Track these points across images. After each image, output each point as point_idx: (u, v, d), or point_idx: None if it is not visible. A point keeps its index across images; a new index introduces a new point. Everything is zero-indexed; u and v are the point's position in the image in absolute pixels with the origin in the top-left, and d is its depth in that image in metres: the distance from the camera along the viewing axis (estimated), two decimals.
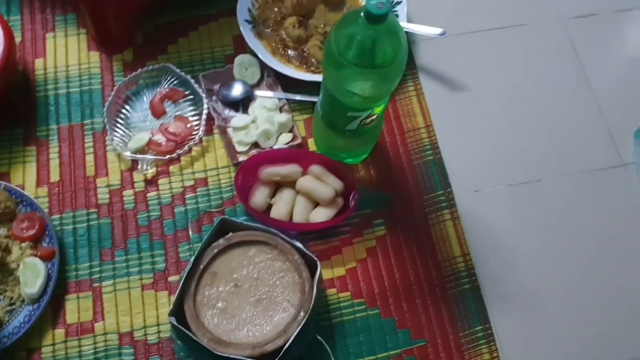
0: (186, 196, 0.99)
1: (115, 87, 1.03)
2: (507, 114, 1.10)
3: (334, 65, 0.80)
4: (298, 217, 0.95)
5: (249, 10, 1.11)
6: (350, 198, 0.95)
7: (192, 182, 1.00)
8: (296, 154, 1.00)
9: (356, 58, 0.77)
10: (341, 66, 0.78)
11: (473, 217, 1.01)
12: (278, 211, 0.95)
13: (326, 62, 0.82)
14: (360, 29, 0.75)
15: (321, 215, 0.95)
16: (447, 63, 1.13)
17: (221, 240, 0.88)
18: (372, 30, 0.74)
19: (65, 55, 1.07)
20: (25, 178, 0.98)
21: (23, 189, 0.96)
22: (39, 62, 1.07)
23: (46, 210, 0.95)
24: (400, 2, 1.11)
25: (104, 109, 1.02)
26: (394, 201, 1.01)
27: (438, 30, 1.08)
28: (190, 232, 0.97)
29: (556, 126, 1.09)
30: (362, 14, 0.73)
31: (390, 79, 0.81)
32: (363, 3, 1.14)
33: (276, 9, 1.12)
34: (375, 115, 0.88)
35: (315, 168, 0.96)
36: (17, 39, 1.07)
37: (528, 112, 1.10)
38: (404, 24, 1.08)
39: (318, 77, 1.05)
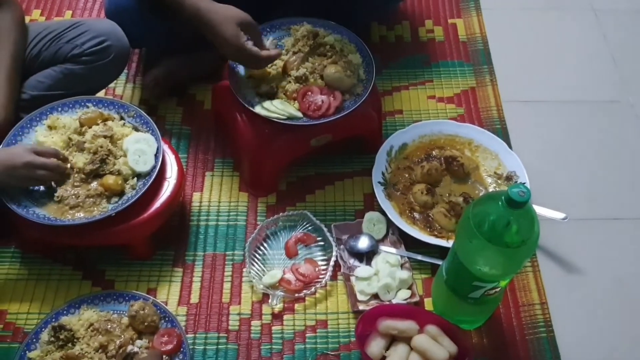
0: (306, 335, 1.06)
1: (259, 226, 1.16)
2: (622, 303, 1.12)
3: (468, 235, 0.88)
4: None
5: (383, 174, 1.23)
6: None
7: (313, 322, 1.07)
8: (414, 311, 1.06)
9: (490, 234, 0.85)
10: (475, 238, 0.86)
11: None
12: None
13: (460, 232, 0.91)
14: (499, 210, 0.84)
15: None
16: (565, 244, 1.18)
17: None
18: (510, 213, 0.83)
19: (219, 193, 1.23)
20: (169, 295, 1.10)
21: (166, 304, 1.07)
22: (196, 195, 1.22)
23: (184, 328, 1.04)
24: (525, 182, 1.20)
25: (246, 244, 1.14)
26: None
27: (561, 215, 1.15)
28: None
29: None
30: (503, 197, 0.82)
31: (519, 259, 0.88)
32: (488, 180, 1.24)
33: (407, 175, 1.25)
34: (500, 288, 0.94)
35: (432, 328, 1.01)
36: None
37: None
38: None
39: (440, 242, 1.14)
